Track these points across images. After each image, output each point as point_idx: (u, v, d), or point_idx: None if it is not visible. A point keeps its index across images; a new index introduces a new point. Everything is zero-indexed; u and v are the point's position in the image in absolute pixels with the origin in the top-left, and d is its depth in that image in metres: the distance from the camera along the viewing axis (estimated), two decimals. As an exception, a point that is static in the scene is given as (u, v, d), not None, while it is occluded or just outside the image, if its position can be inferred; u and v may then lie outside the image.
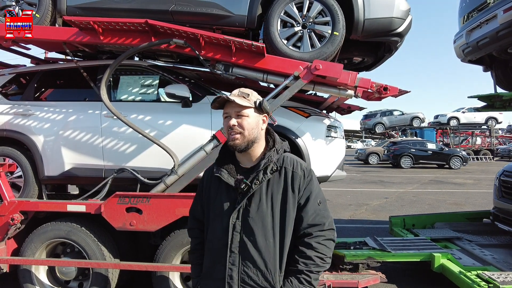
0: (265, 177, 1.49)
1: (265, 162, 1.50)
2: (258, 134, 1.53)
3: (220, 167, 1.56)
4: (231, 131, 1.49)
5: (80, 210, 3.23)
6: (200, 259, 1.63)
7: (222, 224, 1.51)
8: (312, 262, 1.47)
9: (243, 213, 1.49)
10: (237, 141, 1.49)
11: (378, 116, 27.13)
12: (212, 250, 1.55)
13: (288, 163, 1.54)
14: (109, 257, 3.29)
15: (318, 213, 1.52)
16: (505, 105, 5.01)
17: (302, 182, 1.52)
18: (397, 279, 4.25)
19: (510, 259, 3.90)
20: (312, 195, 1.53)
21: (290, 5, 3.31)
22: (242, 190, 1.49)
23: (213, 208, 1.56)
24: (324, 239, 1.51)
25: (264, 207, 1.48)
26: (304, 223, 1.50)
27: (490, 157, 26.78)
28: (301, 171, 1.54)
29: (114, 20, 3.18)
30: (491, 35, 4.06)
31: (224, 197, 1.53)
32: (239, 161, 1.59)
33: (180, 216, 3.10)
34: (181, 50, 3.32)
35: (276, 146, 1.56)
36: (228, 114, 1.52)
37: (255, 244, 1.47)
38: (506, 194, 4.46)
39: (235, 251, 1.47)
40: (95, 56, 4.11)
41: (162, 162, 3.34)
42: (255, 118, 1.52)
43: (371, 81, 3.15)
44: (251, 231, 1.47)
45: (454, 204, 9.03)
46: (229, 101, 1.50)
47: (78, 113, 3.67)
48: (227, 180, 1.52)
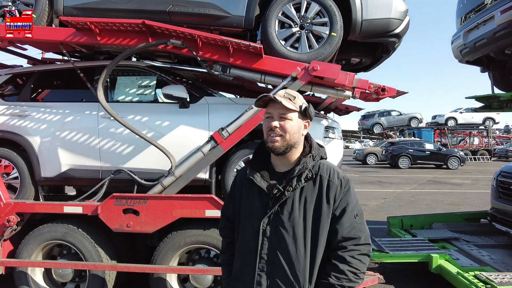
0: (298, 184, 1.44)
1: (300, 168, 1.45)
2: (299, 139, 1.49)
3: (254, 169, 1.53)
4: (271, 132, 1.45)
5: (76, 211, 3.22)
6: (230, 259, 1.61)
7: (253, 228, 1.47)
8: (345, 277, 1.41)
9: (274, 219, 1.45)
10: (276, 144, 1.44)
11: (376, 117, 27.18)
12: (242, 253, 1.52)
13: (324, 171, 1.49)
14: (106, 259, 3.27)
15: (354, 226, 1.45)
16: (503, 105, 5.03)
17: (338, 192, 1.46)
18: (395, 280, 4.25)
19: (507, 260, 3.91)
20: (349, 207, 1.47)
21: (288, 6, 3.31)
22: (275, 195, 1.45)
23: (244, 211, 1.54)
24: (358, 254, 1.44)
25: (296, 215, 1.43)
26: (338, 236, 1.44)
27: (488, 158, 26.86)
28: (338, 181, 1.47)
29: (111, 20, 3.17)
30: (488, 36, 4.07)
31: (255, 200, 1.50)
32: (273, 164, 1.56)
33: (177, 218, 3.09)
34: (178, 51, 3.31)
35: (312, 152, 1.51)
36: (270, 114, 1.48)
37: (285, 252, 1.42)
38: (504, 194, 4.47)
39: (265, 258, 1.44)
40: (92, 57, 4.09)
41: (159, 163, 3.33)
42: (298, 123, 1.48)
43: (368, 82, 3.15)
44: (282, 238, 1.43)
45: (451, 204, 9.05)
46: (273, 101, 1.46)
47: (75, 114, 3.65)
48: (259, 183, 1.48)
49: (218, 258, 3.25)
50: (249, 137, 3.46)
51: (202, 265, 3.21)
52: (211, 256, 3.32)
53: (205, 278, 3.21)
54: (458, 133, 29.61)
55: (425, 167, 20.04)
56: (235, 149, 3.34)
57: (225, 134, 3.06)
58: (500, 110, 5.13)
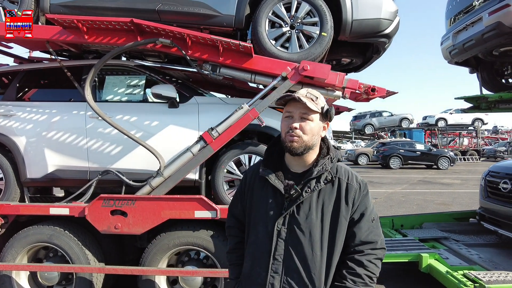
0: (317, 186, 1.42)
1: (319, 170, 1.43)
2: (316, 141, 1.47)
3: (268, 168, 1.49)
4: (291, 132, 1.41)
5: (63, 213, 3.15)
6: (239, 260, 1.57)
7: (267, 229, 1.44)
8: (361, 281, 1.40)
9: (289, 220, 1.42)
10: (295, 144, 1.41)
11: (367, 117, 27.39)
12: (253, 254, 1.48)
13: (342, 174, 1.47)
14: (94, 261, 3.22)
15: (372, 230, 1.45)
16: (491, 106, 5.10)
17: (357, 195, 1.45)
18: (386, 279, 4.26)
19: (495, 259, 3.95)
20: (367, 210, 1.46)
21: (278, 5, 3.29)
22: (291, 196, 1.41)
23: (256, 210, 1.50)
24: (375, 258, 1.44)
25: (314, 217, 1.41)
26: (356, 240, 1.43)
27: (477, 158, 27.26)
28: (356, 184, 1.46)
29: (99, 18, 3.11)
30: (476, 37, 4.12)
31: (270, 201, 1.46)
32: (288, 164, 1.52)
33: (166, 219, 3.05)
34: (167, 50, 3.27)
35: (330, 154, 1.49)
36: (291, 114, 1.44)
37: (301, 254, 1.40)
38: (492, 194, 4.52)
39: (279, 259, 1.41)
40: (81, 56, 4.02)
41: (147, 163, 3.28)
42: (318, 124, 1.46)
43: (359, 82, 3.15)
44: (298, 240, 1.40)
45: (442, 204, 9.14)
46: (295, 101, 1.42)
47: (62, 114, 3.58)
48: (274, 183, 1.45)
49: (208, 259, 3.22)
50: (240, 137, 3.44)
51: (192, 267, 3.18)
52: (200, 257, 3.28)
53: (194, 280, 3.18)
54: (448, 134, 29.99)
55: (416, 167, 20.24)
56: (225, 149, 3.32)
57: (214, 134, 3.03)
58: (488, 110, 5.20)
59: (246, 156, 3.33)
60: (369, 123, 27.14)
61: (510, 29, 3.69)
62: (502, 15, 3.70)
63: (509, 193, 4.19)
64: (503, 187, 4.27)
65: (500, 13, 3.72)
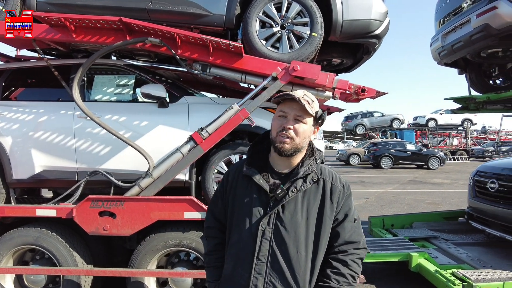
0: (304, 186, 1.42)
1: (305, 170, 1.43)
2: (306, 144, 1.47)
3: (252, 167, 1.48)
4: (283, 133, 1.40)
5: (50, 214, 3.10)
6: (218, 262, 1.54)
7: (251, 229, 1.42)
8: (345, 280, 1.42)
9: (275, 220, 1.41)
10: (286, 145, 1.40)
11: (359, 118, 27.60)
12: (236, 255, 1.46)
13: (326, 175, 1.49)
14: (82, 263, 3.17)
15: (355, 230, 1.48)
16: (479, 107, 5.17)
17: (341, 196, 1.47)
18: (376, 279, 4.29)
19: (483, 257, 4.00)
20: (351, 211, 1.49)
21: (269, 5, 3.28)
22: (277, 195, 1.41)
23: (239, 210, 1.48)
24: (357, 257, 1.47)
25: (299, 217, 1.41)
26: (340, 240, 1.46)
27: (466, 158, 27.66)
28: (340, 185, 1.48)
29: (87, 17, 3.06)
30: (465, 39, 4.16)
31: (254, 200, 1.45)
32: (272, 164, 1.51)
33: (155, 220, 3.02)
34: (157, 49, 3.24)
35: (315, 155, 1.50)
36: (285, 114, 1.43)
37: (285, 254, 1.39)
38: (480, 193, 4.58)
39: (263, 260, 1.40)
40: (69, 55, 3.96)
41: (137, 164, 3.25)
42: (310, 128, 1.46)
43: (348, 83, 3.16)
44: (283, 240, 1.39)
45: (431, 203, 9.25)
46: (291, 101, 1.42)
47: (50, 114, 3.53)
48: (259, 182, 1.43)
49: (198, 260, 3.20)
50: (230, 138, 3.43)
51: (181, 268, 3.15)
52: (190, 258, 3.26)
53: (184, 281, 3.15)
54: (438, 134, 30.40)
55: (407, 167, 20.45)
56: (216, 149, 3.30)
57: (204, 134, 3.01)
58: (477, 111, 5.28)
59: (237, 156, 3.32)
60: (361, 123, 27.35)
61: (497, 31, 3.74)
62: (490, 17, 3.75)
63: (496, 192, 4.25)
64: (490, 187, 4.33)
65: (487, 15, 3.77)
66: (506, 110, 5.42)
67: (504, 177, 4.23)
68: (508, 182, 4.14)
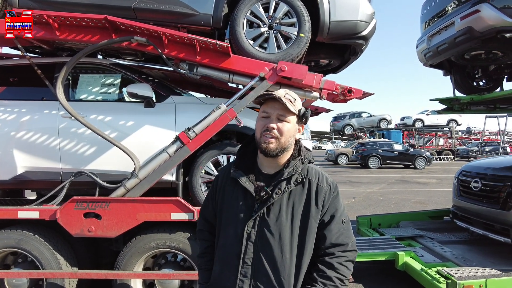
0: (288, 187, 1.40)
1: (290, 171, 1.41)
2: (291, 143, 1.45)
3: (239, 169, 1.46)
4: (267, 133, 1.39)
5: (32, 216, 3.02)
6: (208, 264, 1.54)
7: (236, 232, 1.41)
8: (332, 283, 1.39)
9: (259, 223, 1.39)
10: (271, 145, 1.38)
11: (347, 118, 27.86)
12: (223, 258, 1.45)
13: (313, 175, 1.46)
14: (66, 266, 3.11)
15: (342, 232, 1.44)
16: (463, 108, 5.27)
17: (327, 197, 1.44)
18: (363, 278, 4.33)
19: (467, 255, 4.08)
20: (338, 212, 1.45)
21: (257, 5, 3.28)
22: (262, 198, 1.39)
23: (227, 212, 1.46)
24: (346, 260, 1.43)
25: (284, 219, 1.39)
26: (327, 242, 1.42)
27: (451, 157, 28.22)
28: (327, 185, 1.45)
29: (71, 15, 3.01)
30: (449, 41, 4.24)
31: (240, 203, 1.44)
32: (260, 165, 1.50)
33: (141, 221, 2.98)
34: (143, 48, 3.20)
35: (302, 156, 1.47)
36: (268, 114, 1.41)
37: (270, 257, 1.37)
38: (464, 193, 4.67)
39: (248, 263, 1.38)
40: (54, 53, 3.88)
41: (122, 165, 3.20)
42: (294, 127, 1.45)
43: (335, 84, 3.18)
44: (267, 243, 1.38)
45: (418, 203, 9.39)
46: (273, 101, 1.40)
47: (33, 113, 3.45)
48: (245, 184, 1.42)
49: (185, 262, 3.17)
50: (218, 138, 3.41)
51: (168, 270, 3.12)
52: (177, 260, 3.23)
53: (171, 283, 3.12)
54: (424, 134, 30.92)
55: (394, 167, 20.73)
56: (203, 150, 3.28)
57: (191, 135, 2.99)
58: (461, 112, 5.38)
59: (225, 156, 3.31)
60: (349, 123, 27.61)
61: (480, 33, 3.82)
62: (473, 20, 3.83)
63: (479, 191, 4.34)
64: (474, 186, 4.42)
65: (470, 18, 3.85)
66: (488, 111, 5.55)
67: (486, 177, 4.32)
68: (491, 181, 4.23)
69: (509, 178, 4.02)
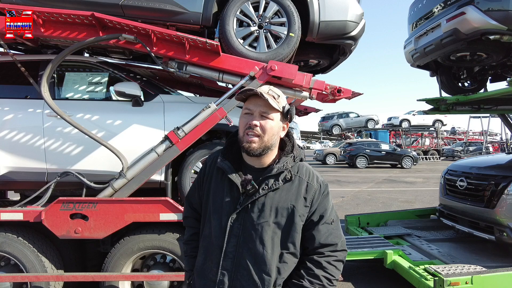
0: (275, 184, 1.36)
1: (280, 167, 1.38)
2: (275, 142, 1.41)
3: (226, 160, 1.42)
4: (249, 131, 1.35)
5: (16, 218, 2.94)
6: (194, 251, 1.52)
7: (220, 223, 1.38)
8: (319, 282, 1.36)
9: (243, 216, 1.36)
10: (253, 145, 1.35)
11: (335, 118, 28.08)
12: (206, 248, 1.43)
13: (303, 173, 1.43)
14: (51, 269, 3.03)
15: (332, 232, 1.42)
16: (449, 108, 5.36)
17: (317, 196, 1.41)
18: (352, 277, 4.36)
19: (453, 252, 4.16)
20: (327, 212, 1.42)
21: (246, 4, 3.27)
22: (248, 191, 1.36)
23: (212, 203, 1.43)
24: (335, 260, 1.41)
25: (267, 215, 1.36)
26: (316, 242, 1.40)
27: (437, 157, 28.75)
28: (317, 184, 1.42)
29: (56, 11, 2.93)
30: (436, 42, 4.31)
31: (225, 194, 1.40)
32: (245, 159, 1.46)
33: (129, 222, 2.93)
34: (131, 46, 3.15)
35: (294, 153, 1.44)
36: (251, 111, 1.37)
37: (252, 252, 1.35)
38: (450, 191, 4.76)
39: (230, 255, 1.36)
40: (39, 51, 3.78)
41: (110, 165, 3.14)
42: (278, 124, 1.40)
43: (325, 83, 3.19)
44: (250, 237, 1.35)
45: (405, 202, 9.53)
46: (256, 97, 1.36)
47: (17, 112, 3.36)
48: (232, 176, 1.38)
49: (174, 263, 3.14)
50: (208, 137, 3.39)
51: (157, 271, 3.08)
52: (167, 261, 3.18)
53: (160, 284, 3.07)
54: (411, 134, 31.41)
55: (381, 166, 21.01)
56: (193, 149, 3.25)
57: (181, 134, 2.95)
58: (447, 112, 5.47)
59: (214, 156, 3.28)
60: (337, 123, 27.84)
61: (465, 35, 3.90)
62: (458, 22, 3.90)
63: (465, 190, 4.42)
64: (459, 185, 4.51)
65: (456, 20, 3.92)
66: (473, 112, 5.66)
67: (472, 176, 4.42)
68: (476, 180, 4.32)
69: (493, 177, 4.12)
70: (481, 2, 3.75)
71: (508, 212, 3.83)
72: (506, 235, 3.77)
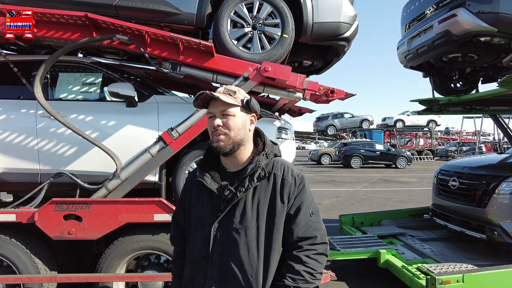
0: (251, 184, 1.35)
1: (252, 167, 1.37)
2: (245, 136, 1.40)
3: (204, 171, 1.42)
4: (215, 132, 1.36)
5: (9, 219, 2.92)
6: (181, 270, 1.50)
7: (203, 234, 1.37)
8: (301, 278, 1.33)
9: (225, 223, 1.35)
10: (221, 143, 1.35)
11: (330, 119, 28.21)
12: (192, 262, 1.41)
13: (278, 169, 1.41)
14: (45, 270, 3.02)
15: (310, 225, 1.39)
16: (442, 109, 5.43)
17: (292, 190, 1.39)
18: (347, 276, 4.39)
19: (445, 251, 4.21)
20: (304, 205, 1.40)
21: (240, 5, 3.28)
22: (226, 197, 1.36)
23: (194, 216, 1.43)
24: (315, 253, 1.38)
25: (249, 217, 1.35)
26: (294, 236, 1.37)
27: (431, 157, 28.97)
28: (292, 178, 1.40)
29: (49, 11, 2.93)
30: (428, 43, 4.35)
31: (206, 204, 1.40)
32: (224, 164, 1.46)
33: (123, 223, 2.93)
34: (125, 47, 3.15)
35: (266, 150, 1.43)
36: (212, 113, 1.38)
37: (237, 257, 1.33)
38: (443, 191, 4.81)
39: (216, 265, 1.35)
40: (32, 51, 3.77)
41: (104, 165, 3.14)
42: (242, 118, 1.40)
43: (318, 84, 3.21)
44: (234, 243, 1.34)
45: (399, 201, 9.59)
46: (213, 99, 1.37)
47: (9, 113, 3.34)
48: (209, 185, 1.38)
49: (169, 263, 3.14)
50: (202, 138, 3.39)
51: (152, 271, 3.08)
52: (161, 261, 3.18)
53: (154, 285, 3.08)
54: (405, 134, 31.63)
55: (376, 166, 21.13)
56: (187, 150, 3.25)
57: (174, 135, 2.96)
58: (440, 112, 5.54)
59: (208, 157, 3.29)
60: (332, 124, 27.96)
61: (457, 37, 3.94)
62: (450, 24, 3.95)
63: (457, 190, 4.48)
64: (452, 185, 4.56)
65: (448, 22, 3.96)
66: (465, 112, 5.73)
67: (464, 175, 4.47)
68: (468, 180, 4.37)
69: (484, 177, 4.17)
70: (472, 5, 3.80)
71: (499, 211, 3.89)
72: (497, 234, 3.82)
